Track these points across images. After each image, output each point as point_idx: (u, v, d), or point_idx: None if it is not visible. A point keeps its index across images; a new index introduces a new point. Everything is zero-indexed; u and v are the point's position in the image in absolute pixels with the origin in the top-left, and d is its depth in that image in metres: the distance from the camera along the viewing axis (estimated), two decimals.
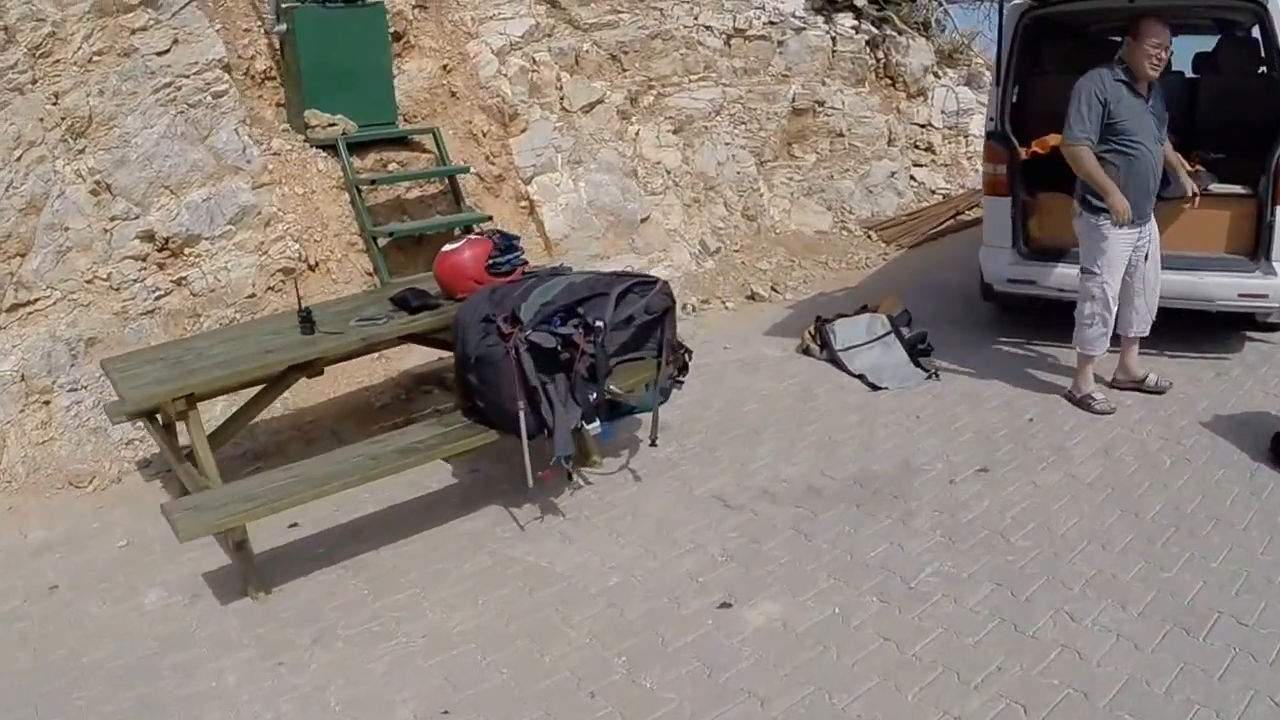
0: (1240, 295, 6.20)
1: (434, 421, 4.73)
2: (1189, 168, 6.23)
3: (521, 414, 4.26)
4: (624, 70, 9.22)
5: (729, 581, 3.96)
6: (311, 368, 4.96)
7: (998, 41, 6.84)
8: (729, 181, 9.05)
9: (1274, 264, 6.14)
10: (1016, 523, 4.32)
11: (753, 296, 7.97)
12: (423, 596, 4.02)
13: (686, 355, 5.99)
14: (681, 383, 5.93)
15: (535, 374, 4.29)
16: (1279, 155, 5.98)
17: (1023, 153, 6.60)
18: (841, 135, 10.26)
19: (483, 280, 4.94)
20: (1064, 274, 6.33)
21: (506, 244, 5.31)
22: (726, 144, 9.25)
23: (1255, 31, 6.78)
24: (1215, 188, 6.36)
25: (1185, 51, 8.89)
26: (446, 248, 5.21)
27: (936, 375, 6.05)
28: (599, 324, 4.51)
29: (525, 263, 5.36)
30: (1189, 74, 8.14)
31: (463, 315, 4.63)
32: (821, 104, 10.24)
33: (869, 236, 9.45)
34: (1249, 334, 6.59)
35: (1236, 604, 3.68)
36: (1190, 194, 5.75)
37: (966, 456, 4.98)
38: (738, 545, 4.23)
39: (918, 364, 6.14)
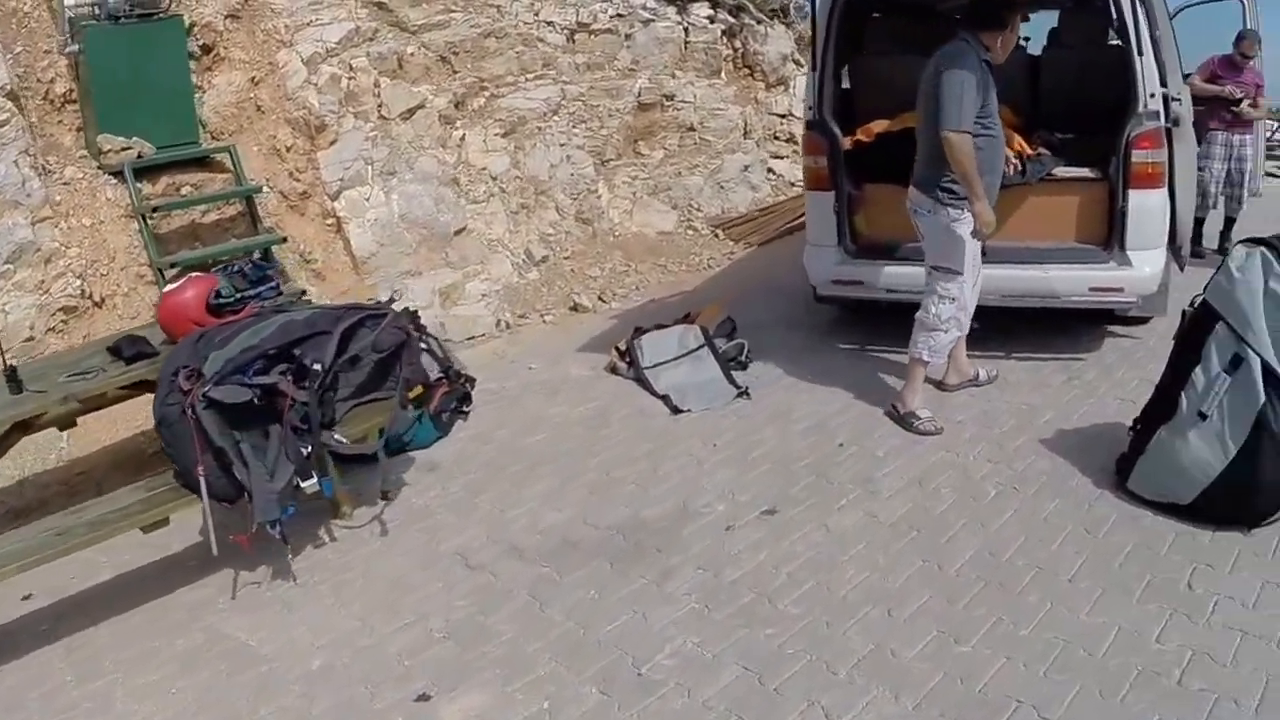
0: (1092, 289, 5.64)
1: (139, 485, 4.17)
2: (1029, 151, 5.86)
3: (202, 480, 3.71)
4: (454, 72, 8.70)
5: (439, 665, 3.39)
6: (30, 427, 4.42)
7: (811, 21, 6.33)
8: (562, 184, 8.54)
9: (1129, 253, 5.58)
10: (791, 582, 3.69)
11: (575, 308, 7.47)
12: (121, 682, 3.52)
13: (468, 384, 5.50)
14: (465, 414, 5.43)
15: (224, 432, 3.74)
16: (1130, 133, 5.44)
17: (846, 142, 6.12)
18: (692, 129, 9.78)
19: (203, 322, 4.38)
20: (895, 273, 5.86)
21: (258, 275, 4.80)
22: (562, 145, 8.73)
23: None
24: (1061, 171, 5.90)
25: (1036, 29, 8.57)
26: (169, 287, 4.67)
27: (747, 393, 5.49)
28: (316, 367, 3.99)
29: (277, 295, 4.84)
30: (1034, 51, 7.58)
31: (164, 367, 4.07)
32: (671, 98, 9.75)
33: (716, 235, 8.96)
34: (1111, 328, 6.07)
35: (1042, 690, 3.00)
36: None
37: (755, 494, 4.37)
38: (463, 617, 3.66)
39: (731, 380, 5.61)
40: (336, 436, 4.10)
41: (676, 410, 5.35)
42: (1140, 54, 5.42)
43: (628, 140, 9.41)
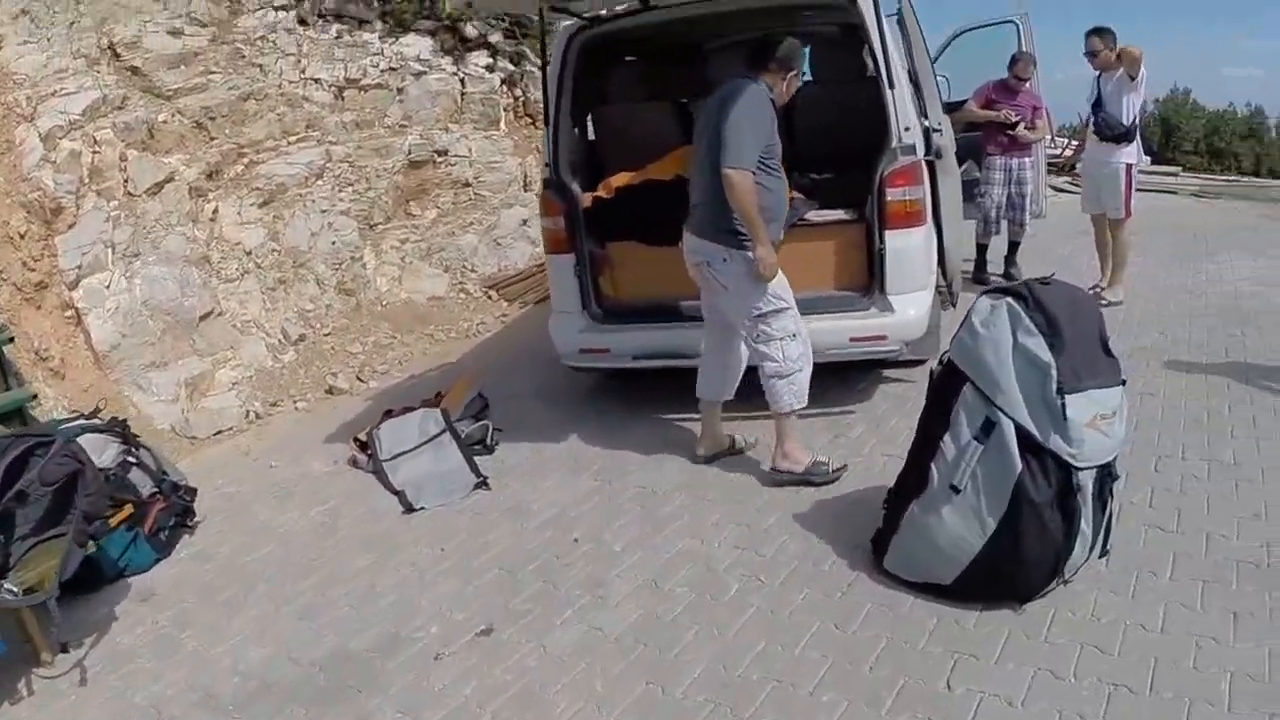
0: (853, 339, 5.38)
1: None
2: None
3: None
4: (211, 139, 8.36)
5: None
6: None
7: (542, 70, 6.11)
8: (323, 254, 8.22)
9: (891, 297, 5.36)
10: None
11: (331, 391, 7.14)
12: None
13: (187, 496, 5.25)
14: (190, 528, 5.21)
15: None
16: (883, 170, 5.23)
17: (585, 199, 5.87)
18: (468, 185, 9.59)
19: None
20: (645, 338, 5.67)
21: None
22: (324, 211, 8.42)
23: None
24: (816, 215, 5.69)
25: None
26: None
27: (487, 483, 5.22)
28: None
29: None
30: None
31: None
32: (444, 153, 9.56)
33: (489, 296, 8.77)
34: (886, 373, 5.99)
35: None
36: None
37: (475, 611, 4.01)
38: None
39: (474, 468, 5.34)
40: (8, 586, 3.81)
41: (410, 508, 5.07)
42: (891, 86, 5.28)
43: (398, 201, 9.16)
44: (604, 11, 5.78)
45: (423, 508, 5.07)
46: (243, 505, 5.45)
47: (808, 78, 6.51)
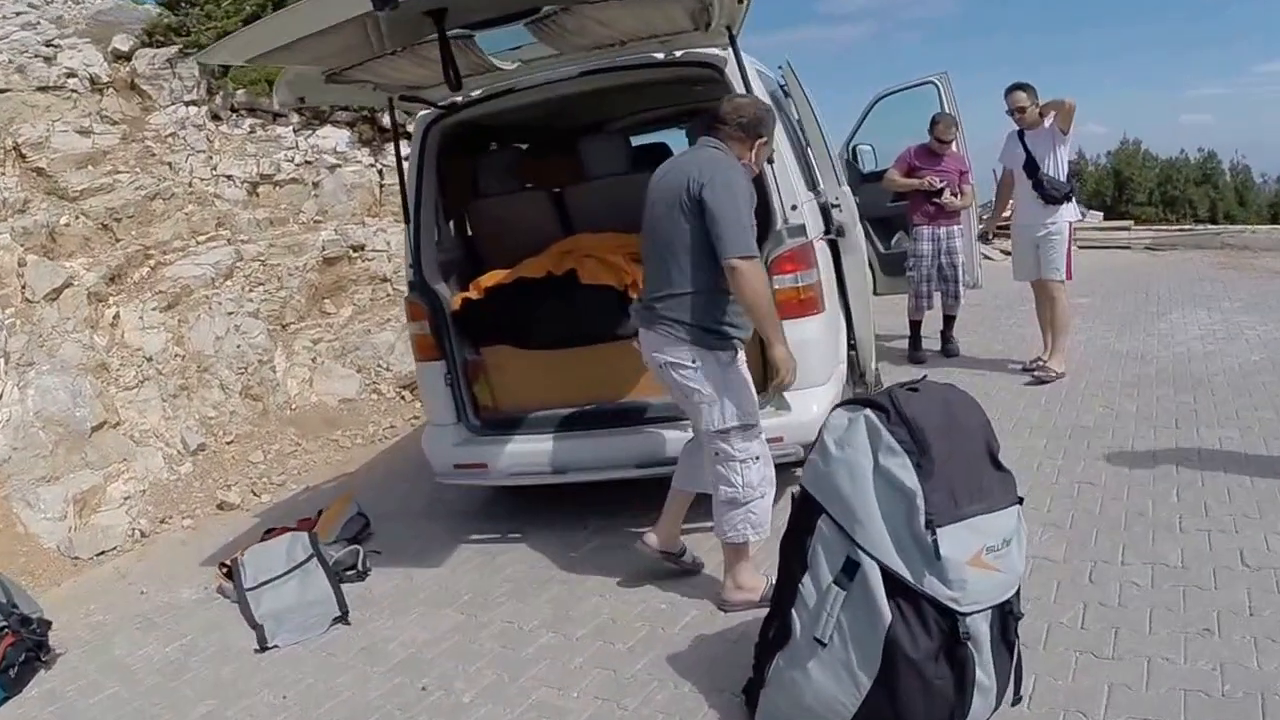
0: None
1: None
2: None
3: None
4: (116, 240, 8.26)
5: None
6: None
7: (398, 168, 5.72)
8: (228, 358, 8.06)
9: (786, 394, 4.70)
10: None
11: (222, 506, 6.93)
12: None
13: (39, 630, 5.08)
14: (46, 663, 5.01)
15: None
16: (769, 255, 4.81)
17: (454, 302, 5.56)
18: (385, 280, 9.45)
19: None
20: (524, 452, 5.34)
21: None
22: (230, 313, 8.29)
23: None
24: None
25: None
26: None
27: (346, 617, 4.87)
28: None
29: None
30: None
31: None
32: (360, 248, 9.45)
33: (403, 397, 8.60)
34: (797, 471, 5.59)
35: None
36: None
37: None
38: None
39: (340, 598, 5.03)
40: None
41: (263, 646, 4.76)
42: (770, 162, 4.77)
43: (311, 299, 9.03)
44: (459, 98, 5.38)
45: (275, 646, 4.77)
46: (106, 636, 5.24)
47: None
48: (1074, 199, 7.41)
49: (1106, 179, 21.04)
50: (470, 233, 6.35)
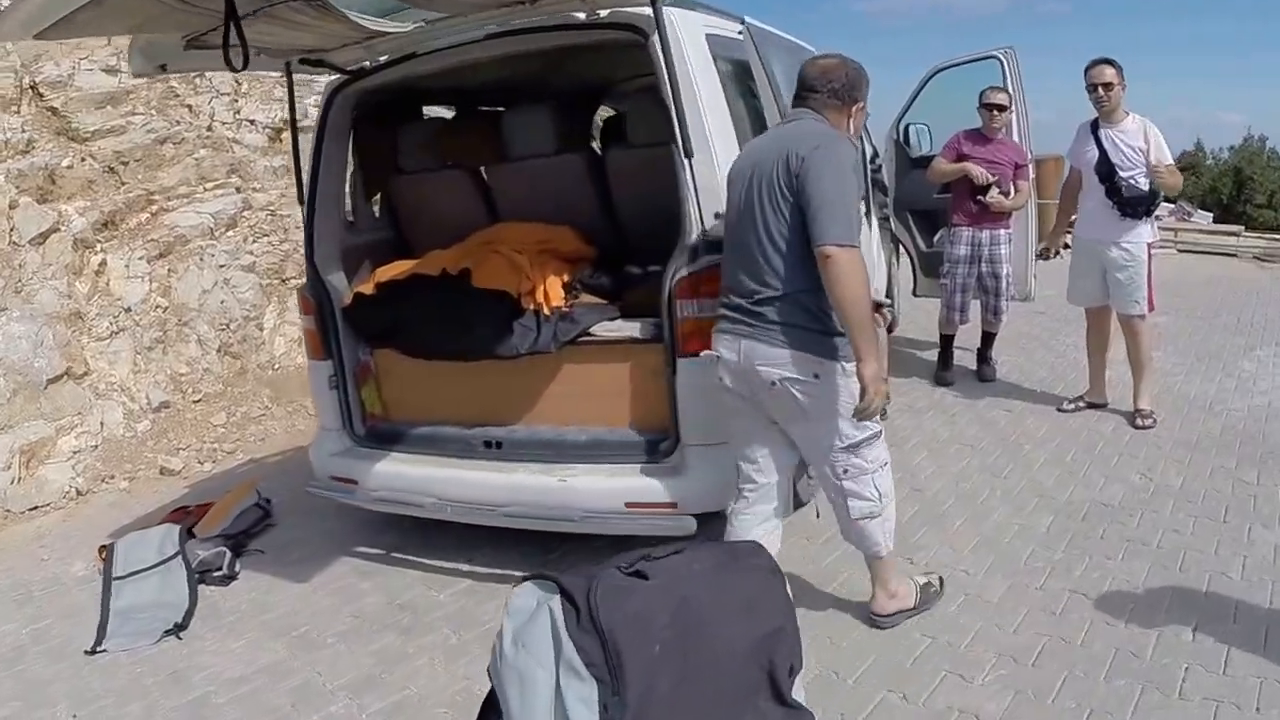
0: (630, 505, 4.16)
1: None
2: (555, 303, 4.65)
3: None
4: (121, 184, 8.31)
5: None
6: None
7: (293, 140, 5.17)
8: (211, 314, 8.06)
9: (688, 449, 4.08)
10: None
11: (163, 471, 6.90)
12: None
13: None
14: None
15: None
16: (674, 275, 4.01)
17: (346, 296, 5.11)
18: None
19: None
20: (401, 475, 4.81)
21: None
22: (222, 266, 8.28)
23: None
24: (604, 330, 4.59)
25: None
26: None
27: (178, 630, 4.63)
28: None
29: None
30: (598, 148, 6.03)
31: None
32: None
33: None
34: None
35: None
36: None
37: None
38: None
39: (191, 604, 4.87)
40: None
41: (95, 646, 4.62)
42: (689, 155, 3.98)
43: None
44: (368, 63, 4.83)
45: (104, 650, 4.60)
46: None
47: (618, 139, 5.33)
48: (1154, 216, 6.21)
49: (1226, 176, 19.25)
50: (391, 210, 5.85)
